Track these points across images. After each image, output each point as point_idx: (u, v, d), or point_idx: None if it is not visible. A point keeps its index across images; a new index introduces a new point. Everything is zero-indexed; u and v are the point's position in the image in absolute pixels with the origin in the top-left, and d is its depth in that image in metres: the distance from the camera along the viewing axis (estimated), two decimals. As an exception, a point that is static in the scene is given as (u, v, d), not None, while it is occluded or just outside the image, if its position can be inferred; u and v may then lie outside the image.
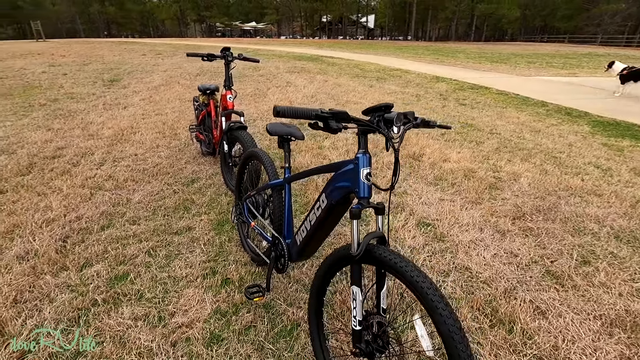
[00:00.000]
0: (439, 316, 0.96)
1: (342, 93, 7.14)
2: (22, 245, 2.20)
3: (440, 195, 2.81)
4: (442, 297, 0.99)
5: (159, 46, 24.24)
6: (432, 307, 0.97)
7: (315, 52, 19.31)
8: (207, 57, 2.98)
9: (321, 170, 1.39)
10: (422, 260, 2.04)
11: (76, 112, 5.83)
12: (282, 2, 58.27)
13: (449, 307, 0.97)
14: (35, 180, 3.17)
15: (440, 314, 0.96)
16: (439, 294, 0.99)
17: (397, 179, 1.13)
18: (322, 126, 1.07)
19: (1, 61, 14.18)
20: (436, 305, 0.97)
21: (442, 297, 0.99)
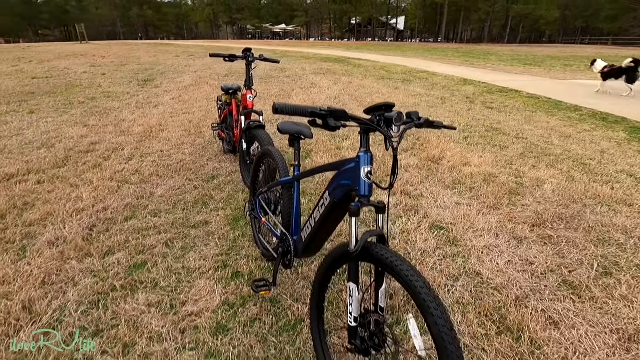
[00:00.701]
0: (430, 316, 0.96)
1: (366, 94, 7.12)
2: (53, 232, 2.36)
3: (456, 199, 2.76)
4: (435, 298, 0.98)
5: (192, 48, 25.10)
6: (425, 307, 0.98)
7: (342, 53, 19.33)
8: (228, 57, 3.08)
9: (326, 168, 1.41)
10: (432, 264, 2.01)
11: (111, 109, 6.15)
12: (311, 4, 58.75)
13: (441, 307, 0.97)
14: (69, 172, 3.39)
15: (432, 314, 0.96)
16: (432, 294, 0.99)
17: (395, 177, 1.14)
18: (320, 123, 1.09)
19: (48, 61, 15.18)
20: (428, 306, 0.97)
21: (435, 298, 0.98)
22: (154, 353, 1.48)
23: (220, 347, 1.51)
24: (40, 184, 3.14)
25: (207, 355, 1.48)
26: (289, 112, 1.05)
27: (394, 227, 2.38)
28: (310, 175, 1.55)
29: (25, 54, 19.69)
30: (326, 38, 62.47)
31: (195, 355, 1.47)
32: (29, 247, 2.22)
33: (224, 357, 1.46)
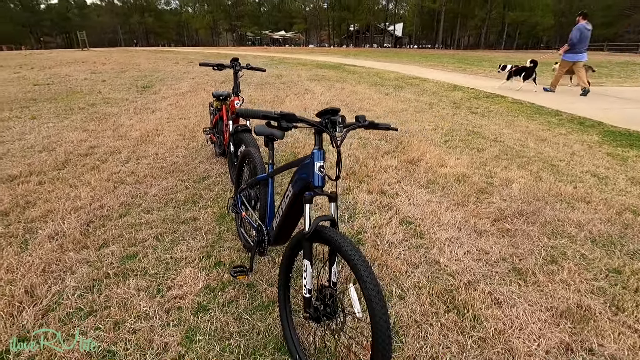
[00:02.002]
0: (364, 282, 1.17)
1: (357, 100, 7.36)
2: (53, 227, 2.57)
3: (428, 197, 2.97)
4: (367, 268, 1.19)
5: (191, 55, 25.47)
6: (360, 276, 1.18)
7: (339, 60, 19.66)
8: (217, 66, 3.30)
9: (291, 165, 1.63)
10: (397, 254, 2.21)
11: (110, 115, 6.39)
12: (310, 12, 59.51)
13: (372, 275, 1.17)
14: (68, 174, 3.60)
15: (365, 281, 1.16)
16: (367, 267, 1.19)
17: (340, 170, 1.35)
18: (275, 125, 1.30)
19: (49, 69, 15.48)
20: (362, 273, 1.17)
21: (367, 268, 1.19)
22: (141, 329, 1.68)
23: (200, 324, 1.71)
24: (42, 184, 3.35)
25: (188, 330, 1.68)
26: (249, 116, 1.27)
27: (367, 222, 2.59)
28: (280, 172, 1.76)
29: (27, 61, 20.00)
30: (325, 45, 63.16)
31: (178, 330, 1.67)
32: (31, 240, 2.43)
33: (202, 332, 1.66)
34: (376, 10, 56.33)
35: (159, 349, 1.57)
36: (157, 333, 1.66)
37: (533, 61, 8.56)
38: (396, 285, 1.92)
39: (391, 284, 1.94)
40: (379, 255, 2.18)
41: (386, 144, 4.44)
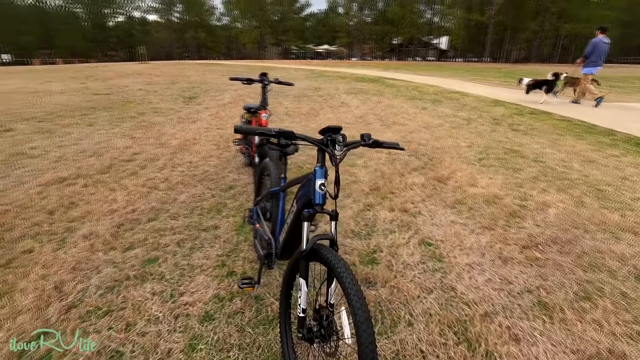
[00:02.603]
0: (352, 307, 1.13)
1: (392, 114, 7.27)
2: (88, 228, 2.77)
3: (453, 218, 2.83)
4: (358, 292, 1.15)
5: (237, 67, 26.70)
6: (350, 300, 1.14)
7: (378, 73, 19.61)
8: (246, 81, 3.41)
9: (298, 181, 1.63)
10: (411, 277, 2.12)
11: (155, 124, 6.82)
12: (353, 26, 60.22)
13: (361, 300, 1.13)
14: (110, 178, 3.87)
15: (353, 305, 1.12)
16: (356, 290, 1.15)
17: (338, 189, 1.33)
18: (275, 142, 1.32)
19: (110, 80, 16.93)
20: (351, 298, 1.13)
21: (358, 292, 1.15)
22: (149, 332, 1.74)
23: (204, 332, 1.74)
24: (86, 187, 3.64)
25: (192, 337, 1.71)
26: (247, 132, 1.29)
27: (385, 241, 2.51)
28: (289, 187, 1.77)
29: (93, 72, 22.02)
30: (368, 58, 63.37)
31: (182, 337, 1.71)
32: (68, 239, 2.63)
33: (205, 341, 1.69)
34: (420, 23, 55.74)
35: (162, 354, 1.62)
36: (163, 338, 1.71)
37: (555, 74, 8.52)
38: (405, 310, 1.84)
39: (400, 308, 1.85)
40: (392, 276, 2.10)
41: (416, 160, 4.32)
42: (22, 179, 3.86)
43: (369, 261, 2.29)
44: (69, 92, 12.14)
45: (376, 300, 1.90)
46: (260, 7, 61.15)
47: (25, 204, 3.21)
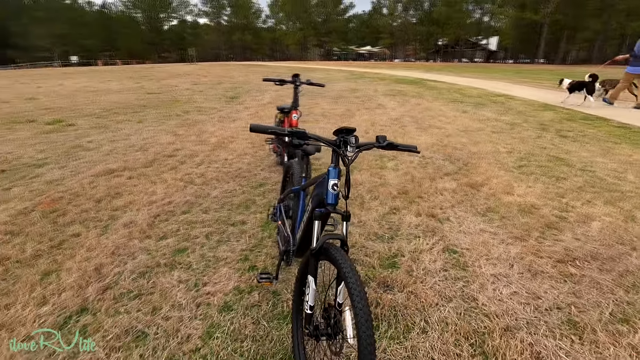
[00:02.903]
0: (354, 308, 1.13)
1: (429, 117, 7.08)
2: (129, 217, 2.99)
3: (483, 227, 2.71)
4: (361, 293, 1.15)
5: (279, 68, 27.32)
6: (353, 301, 1.15)
7: (420, 75, 19.14)
8: (279, 82, 3.50)
9: (316, 180, 1.65)
10: (431, 283, 2.07)
11: (198, 122, 7.18)
12: (397, 27, 59.22)
13: (364, 301, 1.13)
14: (152, 171, 4.15)
15: (355, 307, 1.13)
16: (360, 292, 1.16)
17: (349, 190, 1.34)
18: (288, 141, 1.35)
19: (163, 80, 18.03)
20: (354, 298, 1.14)
21: (361, 293, 1.15)
22: (172, 317, 1.86)
23: (222, 322, 1.82)
24: (130, 179, 3.92)
25: (211, 325, 1.80)
26: (262, 131, 1.34)
27: (407, 246, 2.47)
28: (308, 186, 1.81)
29: (148, 73, 23.58)
30: (411, 59, 62.05)
31: (202, 325, 1.80)
32: (111, 226, 2.86)
33: (222, 330, 1.77)
34: (467, 23, 53.53)
35: (181, 338, 1.72)
36: (184, 324, 1.81)
37: (592, 75, 8.07)
38: (420, 317, 1.80)
39: (415, 314, 1.82)
40: (411, 281, 2.07)
41: (449, 164, 4.18)
42: (78, 169, 4.25)
43: (389, 265, 2.26)
44: (125, 91, 13.10)
45: (391, 304, 1.88)
46: (305, 9, 62.03)
47: (78, 192, 3.53)
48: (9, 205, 3.25)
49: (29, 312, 1.89)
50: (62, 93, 12.59)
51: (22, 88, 14.66)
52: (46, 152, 5.02)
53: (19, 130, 6.55)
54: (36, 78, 20.86)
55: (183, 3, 69.64)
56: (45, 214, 3.05)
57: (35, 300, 2.00)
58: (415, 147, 1.53)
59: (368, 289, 2.01)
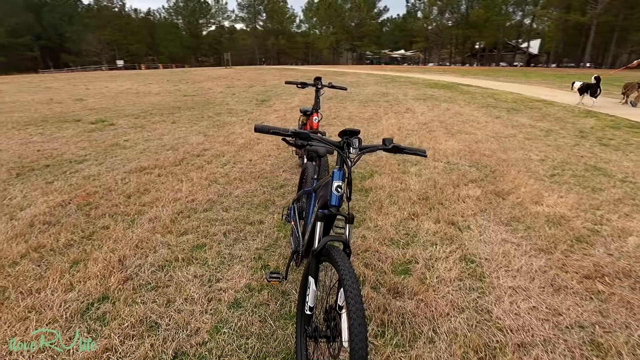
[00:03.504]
0: (349, 311, 1.13)
1: (459, 122, 6.87)
2: (154, 212, 3.13)
3: (505, 237, 2.59)
4: (356, 297, 1.14)
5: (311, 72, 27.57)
6: (348, 304, 1.14)
7: (454, 79, 18.63)
8: (301, 84, 3.54)
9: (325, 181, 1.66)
10: (444, 292, 2.00)
11: (228, 124, 7.40)
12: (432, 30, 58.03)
13: (358, 305, 1.12)
14: (180, 170, 4.32)
15: (350, 309, 1.12)
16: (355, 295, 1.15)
17: (350, 192, 1.33)
18: (292, 142, 1.36)
19: (198, 83, 18.75)
20: (349, 301, 1.13)
21: (356, 297, 1.14)
22: (184, 310, 1.92)
23: (230, 318, 1.86)
24: (160, 176, 4.10)
25: (219, 321, 1.84)
26: (266, 131, 1.36)
27: (423, 253, 2.41)
28: (318, 187, 1.81)
29: (185, 76, 24.59)
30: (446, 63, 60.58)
31: (211, 319, 1.85)
32: (137, 220, 3.00)
33: (229, 326, 1.81)
34: (507, 26, 51.43)
35: (191, 331, 1.78)
36: (195, 317, 1.87)
37: (597, 77, 8.76)
38: (429, 326, 1.75)
39: (424, 323, 1.77)
40: (422, 289, 2.01)
41: (476, 171, 4.03)
42: (113, 166, 4.51)
43: (401, 271, 2.22)
44: (164, 93, 13.75)
45: (399, 311, 1.84)
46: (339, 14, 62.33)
47: (111, 187, 3.74)
48: (50, 197, 3.50)
49: (56, 297, 2.03)
50: (107, 95, 13.41)
51: (73, 90, 15.76)
52: (87, 150, 5.36)
53: (66, 128, 7.05)
54: (86, 81, 22.35)
55: (221, 9, 72.30)
56: (80, 207, 3.26)
57: (63, 286, 2.14)
58: (423, 152, 1.49)
59: (377, 294, 1.98)
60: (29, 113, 9.03)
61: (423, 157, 1.53)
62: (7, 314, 1.90)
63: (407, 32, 63.49)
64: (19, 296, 2.05)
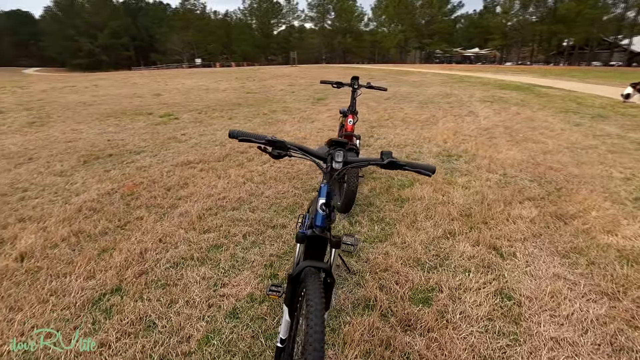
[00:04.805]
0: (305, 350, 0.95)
1: (528, 129, 6.10)
2: (185, 207, 3.20)
3: (558, 271, 2.14)
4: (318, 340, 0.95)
5: (374, 71, 27.07)
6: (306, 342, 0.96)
7: (532, 80, 16.84)
8: (336, 84, 3.37)
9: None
10: (466, 333, 1.69)
11: (279, 121, 7.48)
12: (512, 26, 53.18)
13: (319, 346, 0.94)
14: (221, 166, 4.41)
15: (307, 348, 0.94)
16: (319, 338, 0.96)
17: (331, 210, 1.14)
18: (269, 150, 1.21)
19: (264, 80, 19.45)
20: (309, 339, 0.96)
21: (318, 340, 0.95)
22: (182, 314, 1.88)
23: (224, 328, 1.78)
24: (201, 171, 4.23)
25: (212, 330, 1.77)
26: (242, 137, 1.22)
27: (451, 280, 2.09)
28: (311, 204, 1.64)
29: (253, 74, 25.69)
30: (527, 62, 55.25)
31: (205, 327, 1.79)
32: (168, 214, 3.09)
33: (220, 337, 1.72)
34: (604, 21, 45.03)
35: (182, 338, 1.73)
36: (191, 323, 1.82)
37: None
38: (437, 374, 1.47)
39: (432, 369, 1.50)
40: (439, 325, 1.72)
41: (537, 187, 3.49)
42: (164, 159, 4.77)
43: (420, 299, 1.94)
44: (229, 90, 14.47)
45: (405, 349, 1.59)
46: (409, 11, 60.28)
47: (155, 179, 3.94)
48: (102, 185, 3.79)
49: (77, 284, 2.13)
50: (181, 90, 14.49)
51: (154, 85, 17.34)
52: (147, 142, 5.77)
53: (138, 121, 7.70)
54: (166, 77, 24.53)
55: (292, 9, 74.50)
56: (123, 196, 3.47)
57: (87, 273, 2.25)
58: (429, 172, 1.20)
59: (384, 323, 1.75)
60: (113, 105, 10.09)
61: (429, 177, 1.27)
62: (33, 294, 2.04)
63: (483, 29, 59.08)
64: (48, 278, 2.20)
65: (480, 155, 4.54)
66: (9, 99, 11.84)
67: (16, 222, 2.94)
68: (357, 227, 2.80)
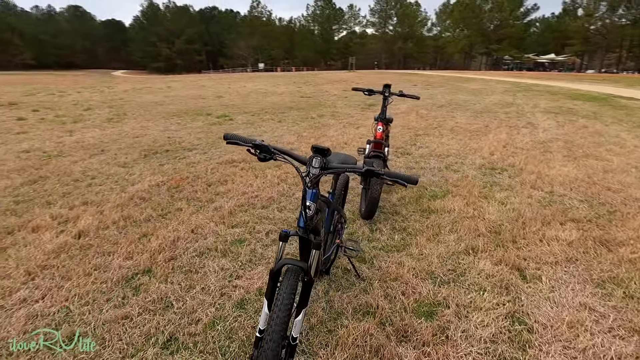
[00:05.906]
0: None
1: (592, 144, 5.53)
2: (221, 202, 3.44)
3: (586, 301, 1.95)
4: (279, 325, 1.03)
5: (433, 77, 26.21)
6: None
7: (613, 90, 15.10)
8: (367, 91, 3.39)
9: None
10: (463, 352, 1.63)
11: (325, 126, 7.63)
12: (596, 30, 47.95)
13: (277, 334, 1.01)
14: (260, 166, 4.65)
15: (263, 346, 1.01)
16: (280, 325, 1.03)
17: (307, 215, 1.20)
18: (256, 153, 1.30)
19: (319, 85, 19.87)
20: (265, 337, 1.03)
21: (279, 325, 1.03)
22: (197, 299, 2.06)
23: (229, 316, 1.91)
24: (242, 170, 4.50)
25: (219, 317, 1.91)
26: (233, 139, 1.33)
27: (461, 297, 2.02)
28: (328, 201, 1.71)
29: (310, 79, 26.34)
30: (613, 70, 49.48)
31: (213, 313, 1.94)
32: (204, 207, 3.36)
33: (224, 324, 1.86)
34: None
35: (191, 320, 1.89)
36: (202, 308, 1.99)
37: None
38: (421, 388, 1.45)
39: (416, 382, 1.48)
40: (438, 341, 1.68)
41: (586, 208, 3.17)
42: (212, 157, 5.15)
43: (423, 313, 1.91)
44: (285, 93, 15.03)
45: (393, 359, 1.58)
46: (476, 15, 57.34)
47: (200, 175, 4.27)
48: (155, 177, 4.20)
49: (117, 262, 2.42)
50: (241, 93, 15.37)
51: (218, 87, 18.60)
52: (201, 140, 6.25)
53: (197, 120, 8.36)
54: (230, 81, 26.13)
55: (354, 15, 75.02)
56: (169, 189, 3.83)
57: (126, 254, 2.54)
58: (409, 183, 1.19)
59: (380, 332, 1.75)
60: (179, 105, 11.03)
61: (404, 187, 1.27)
62: (81, 267, 2.36)
63: (560, 33, 54.08)
64: (95, 255, 2.53)
65: (527, 170, 4.23)
66: (97, 97, 13.50)
67: (81, 204, 3.39)
68: (377, 235, 2.80)
